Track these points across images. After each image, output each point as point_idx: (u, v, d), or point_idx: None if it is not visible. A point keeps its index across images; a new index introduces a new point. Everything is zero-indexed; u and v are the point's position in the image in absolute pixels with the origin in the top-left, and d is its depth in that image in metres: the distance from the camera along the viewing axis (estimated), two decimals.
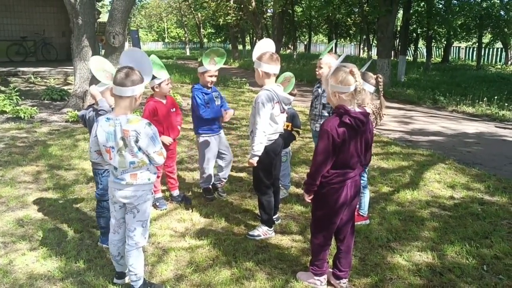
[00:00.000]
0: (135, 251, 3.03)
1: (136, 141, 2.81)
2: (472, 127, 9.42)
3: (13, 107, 9.20)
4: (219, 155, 4.91)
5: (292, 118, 4.74)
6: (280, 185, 5.31)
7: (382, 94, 4.02)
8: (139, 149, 2.85)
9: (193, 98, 4.64)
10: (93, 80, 3.51)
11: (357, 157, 2.96)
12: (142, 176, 2.94)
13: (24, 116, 8.84)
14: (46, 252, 3.71)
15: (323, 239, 3.16)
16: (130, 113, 2.86)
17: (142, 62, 2.92)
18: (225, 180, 5.14)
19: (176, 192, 4.90)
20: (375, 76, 3.92)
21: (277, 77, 3.99)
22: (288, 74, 4.33)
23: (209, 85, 4.69)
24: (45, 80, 13.77)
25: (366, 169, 4.38)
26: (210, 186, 5.03)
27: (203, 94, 4.64)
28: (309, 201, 3.10)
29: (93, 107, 3.60)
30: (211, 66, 4.59)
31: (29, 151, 6.75)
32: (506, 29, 22.75)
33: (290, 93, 4.21)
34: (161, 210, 4.63)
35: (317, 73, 4.46)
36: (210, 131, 4.73)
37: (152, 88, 4.46)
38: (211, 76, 4.63)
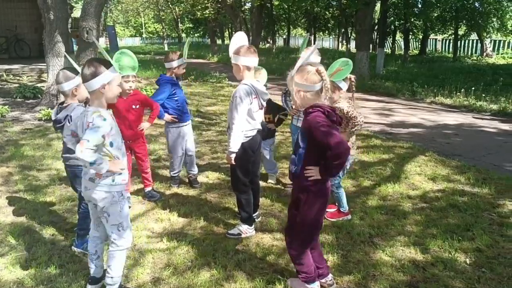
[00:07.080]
0: (118, 252, 2.92)
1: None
2: (450, 118, 9.47)
3: None
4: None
5: (269, 104, 4.72)
6: (269, 174, 5.37)
7: (353, 94, 3.98)
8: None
9: None
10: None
11: None
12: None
13: None
14: (16, 258, 3.53)
15: (310, 243, 2.97)
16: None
17: None
18: (193, 173, 5.23)
19: (148, 189, 4.85)
20: (349, 77, 3.85)
21: None
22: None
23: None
24: (17, 78, 13.38)
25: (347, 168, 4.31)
26: (175, 175, 5.21)
27: None
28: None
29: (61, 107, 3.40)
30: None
31: None
32: (480, 21, 23.10)
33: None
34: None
35: None
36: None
37: None
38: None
